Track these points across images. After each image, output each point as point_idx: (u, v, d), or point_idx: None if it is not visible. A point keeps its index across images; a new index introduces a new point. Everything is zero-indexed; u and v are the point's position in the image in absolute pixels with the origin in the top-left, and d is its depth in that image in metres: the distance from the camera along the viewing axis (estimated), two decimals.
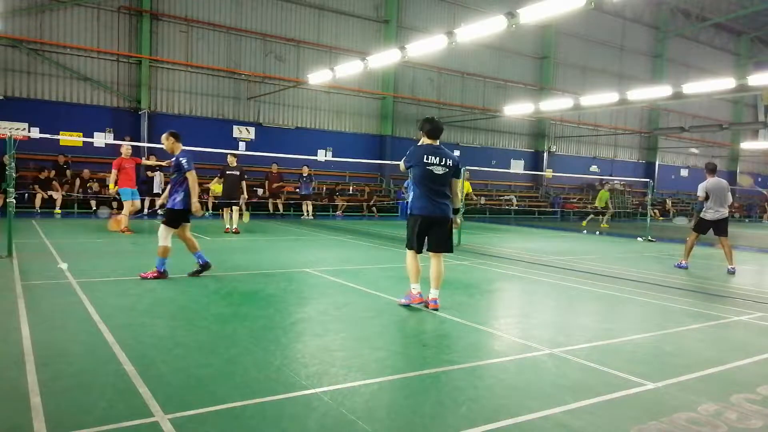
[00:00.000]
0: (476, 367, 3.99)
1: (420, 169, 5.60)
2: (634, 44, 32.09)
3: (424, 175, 5.59)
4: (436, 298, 5.68)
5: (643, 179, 24.82)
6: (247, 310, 5.49)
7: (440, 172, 5.60)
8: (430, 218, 5.65)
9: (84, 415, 2.89)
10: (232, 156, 13.19)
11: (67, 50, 17.94)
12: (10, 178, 8.26)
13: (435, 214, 5.65)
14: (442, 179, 5.64)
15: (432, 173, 5.58)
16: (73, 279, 6.53)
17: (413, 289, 5.77)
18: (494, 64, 27.24)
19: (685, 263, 9.84)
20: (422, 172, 5.59)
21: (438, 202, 5.64)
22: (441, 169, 5.60)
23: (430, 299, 5.69)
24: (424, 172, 5.59)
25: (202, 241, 11.43)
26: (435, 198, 5.63)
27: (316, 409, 3.12)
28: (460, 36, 11.54)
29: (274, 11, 21.48)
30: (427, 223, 5.67)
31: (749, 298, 7.23)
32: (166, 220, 6.85)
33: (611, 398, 3.47)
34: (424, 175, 5.59)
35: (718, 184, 9.58)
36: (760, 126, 30.82)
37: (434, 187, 5.62)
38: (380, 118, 24.56)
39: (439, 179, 5.62)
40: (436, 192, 5.63)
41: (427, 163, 5.58)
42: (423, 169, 5.58)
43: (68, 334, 4.39)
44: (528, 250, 12.07)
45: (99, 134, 18.47)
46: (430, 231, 5.72)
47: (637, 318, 6.12)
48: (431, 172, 5.58)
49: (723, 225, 9.51)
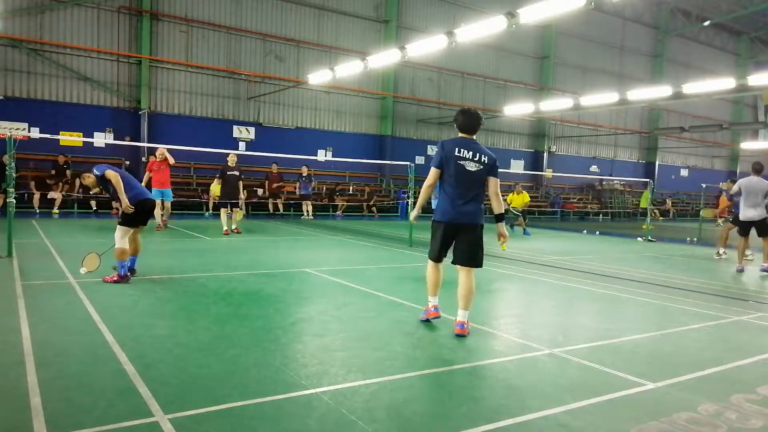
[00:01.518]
0: (476, 367, 4.00)
1: (451, 164, 4.84)
2: (634, 44, 32.09)
3: (455, 172, 4.83)
4: (463, 322, 4.84)
5: (643, 179, 24.83)
6: (247, 310, 5.49)
7: (473, 168, 4.83)
8: (455, 225, 4.92)
9: (84, 415, 2.90)
10: (233, 156, 13.11)
11: (67, 50, 17.93)
12: (10, 178, 8.26)
13: (460, 220, 4.90)
14: (476, 178, 4.87)
15: (464, 169, 4.82)
16: (73, 279, 6.53)
17: (429, 302, 5.21)
18: (494, 64, 27.24)
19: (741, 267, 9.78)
20: (453, 167, 4.83)
21: (465, 205, 4.88)
22: (474, 166, 4.83)
23: (457, 322, 4.88)
24: (455, 168, 4.82)
25: (201, 241, 11.44)
26: (462, 201, 4.87)
27: (316, 409, 3.12)
28: (460, 36, 11.54)
29: (274, 11, 21.48)
30: (453, 230, 4.95)
31: (749, 298, 7.24)
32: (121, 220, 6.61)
33: (611, 398, 3.47)
34: (456, 171, 4.82)
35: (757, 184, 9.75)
36: (760, 126, 30.80)
37: (465, 186, 4.86)
38: (380, 118, 24.56)
39: (471, 177, 4.85)
40: (464, 194, 4.87)
41: (459, 157, 4.82)
42: (454, 163, 4.82)
43: (68, 334, 4.39)
44: (528, 250, 12.07)
45: (99, 134, 18.46)
46: (456, 240, 4.99)
47: (637, 318, 6.12)
48: (463, 168, 4.82)
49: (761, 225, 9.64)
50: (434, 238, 5.06)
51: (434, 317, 5.21)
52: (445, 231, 4.97)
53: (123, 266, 6.46)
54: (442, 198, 4.99)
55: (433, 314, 5.20)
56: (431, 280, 5.19)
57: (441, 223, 4.98)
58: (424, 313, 5.33)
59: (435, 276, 5.17)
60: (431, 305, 5.22)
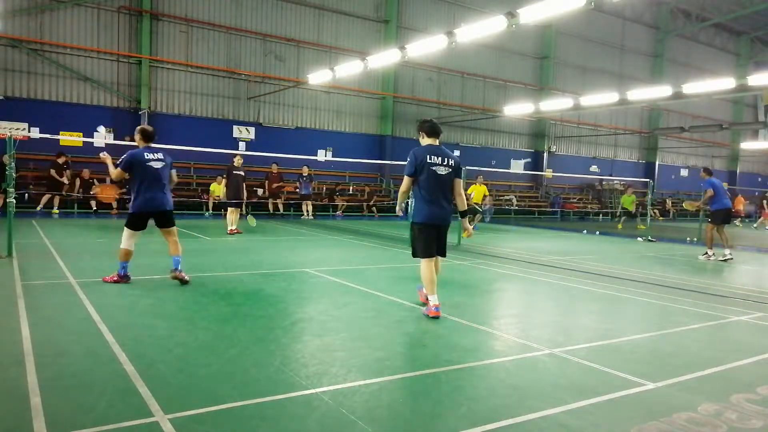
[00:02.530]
0: (476, 367, 3.99)
1: (424, 170, 5.34)
2: (634, 44, 32.09)
3: (428, 177, 5.34)
4: (437, 305, 5.37)
5: (643, 179, 24.82)
6: (247, 310, 5.49)
7: (443, 172, 5.39)
8: (437, 226, 5.47)
9: (84, 415, 2.89)
10: (240, 158, 13.24)
11: (67, 50, 17.94)
12: (10, 178, 8.26)
13: (440, 221, 5.48)
14: (445, 180, 5.42)
15: (436, 174, 5.36)
16: (73, 279, 6.53)
17: (431, 301, 5.39)
18: (494, 64, 27.24)
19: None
20: (426, 174, 5.34)
21: (442, 208, 5.44)
22: (444, 170, 5.39)
23: (432, 306, 5.37)
24: (428, 174, 5.34)
25: (201, 241, 11.44)
26: (438, 203, 5.41)
27: (316, 409, 3.12)
28: (460, 36, 11.55)
29: (274, 11, 21.48)
30: (437, 230, 5.49)
31: (749, 298, 7.24)
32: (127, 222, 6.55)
33: (611, 398, 3.47)
34: (429, 176, 5.34)
35: None
36: (760, 126, 30.83)
37: (438, 189, 5.39)
38: (380, 118, 24.57)
39: (442, 180, 5.39)
40: (439, 196, 5.40)
41: (431, 163, 5.34)
42: (427, 170, 5.33)
43: (68, 334, 4.39)
44: (528, 250, 12.07)
45: (99, 134, 18.46)
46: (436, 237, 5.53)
47: (637, 318, 6.12)
48: (435, 173, 5.35)
49: None
50: (421, 239, 5.51)
51: (434, 316, 5.30)
52: (430, 231, 5.48)
53: (124, 267, 6.45)
54: (421, 202, 5.46)
55: (434, 314, 5.30)
56: (429, 277, 5.42)
57: (426, 225, 5.47)
58: (426, 310, 5.46)
59: (432, 272, 5.45)
60: (433, 305, 5.35)
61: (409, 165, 5.41)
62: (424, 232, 5.47)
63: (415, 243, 5.58)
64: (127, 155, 6.46)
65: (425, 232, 5.46)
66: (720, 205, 10.99)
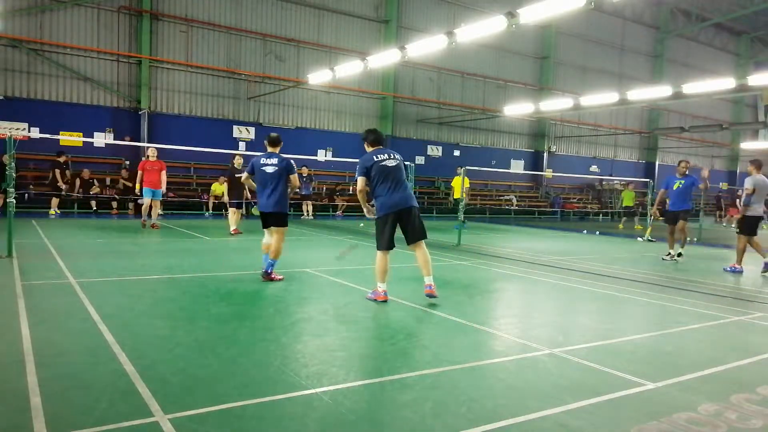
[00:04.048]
0: (476, 367, 3.99)
1: (374, 167, 5.92)
2: (634, 44, 32.08)
3: (380, 171, 5.90)
4: (431, 284, 5.89)
5: (643, 179, 24.82)
6: (247, 310, 5.49)
7: (392, 164, 5.99)
8: (399, 211, 5.87)
9: (84, 415, 2.89)
10: (239, 158, 13.17)
11: (67, 50, 17.93)
12: (10, 178, 8.26)
13: (403, 204, 5.89)
14: (396, 169, 5.99)
15: (386, 166, 5.94)
16: (73, 279, 6.53)
17: (379, 287, 5.97)
18: (494, 64, 27.23)
19: (739, 267, 9.55)
20: (377, 168, 5.91)
21: (401, 189, 5.93)
22: (392, 162, 6.00)
23: (427, 285, 5.89)
24: (379, 168, 5.91)
25: (201, 241, 11.44)
26: (397, 188, 5.91)
27: (316, 409, 3.12)
28: (460, 36, 11.54)
29: (274, 11, 21.48)
30: (397, 215, 5.88)
31: (749, 298, 7.24)
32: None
33: (611, 398, 3.47)
34: (380, 170, 5.91)
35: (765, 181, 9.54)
36: (760, 126, 30.80)
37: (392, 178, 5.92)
38: (380, 118, 24.56)
39: (394, 169, 5.97)
40: (395, 182, 5.93)
41: (378, 160, 5.95)
42: (377, 166, 5.92)
43: (68, 334, 4.39)
44: (528, 250, 12.07)
45: (99, 134, 18.47)
46: (402, 224, 5.93)
47: (637, 318, 6.12)
48: (385, 166, 5.94)
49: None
50: (381, 231, 5.93)
51: (382, 300, 5.91)
52: (393, 221, 5.90)
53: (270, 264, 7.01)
54: (380, 197, 5.93)
55: (383, 298, 5.93)
56: (382, 268, 5.94)
57: (387, 215, 5.89)
58: (372, 294, 6.04)
59: (385, 263, 5.95)
60: (381, 290, 5.97)
61: (359, 169, 6.01)
62: (385, 224, 5.89)
63: (378, 234, 5.98)
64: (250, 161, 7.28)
65: (386, 224, 5.88)
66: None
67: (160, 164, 12.85)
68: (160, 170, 12.80)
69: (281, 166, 6.98)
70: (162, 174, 12.81)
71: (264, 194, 6.99)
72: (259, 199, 7.08)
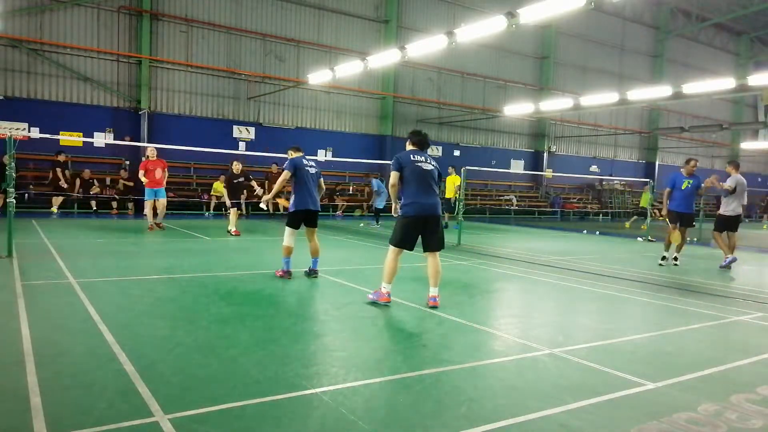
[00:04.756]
0: (476, 367, 3.99)
1: (409, 166, 5.76)
2: (634, 44, 32.08)
3: (414, 170, 5.74)
4: (436, 296, 5.81)
5: (643, 179, 24.82)
6: (247, 310, 5.49)
7: (428, 168, 5.83)
8: (425, 217, 5.73)
9: (84, 415, 2.89)
10: (237, 164, 13.04)
11: (67, 50, 17.93)
12: (10, 178, 8.26)
13: (431, 211, 5.76)
14: (431, 173, 5.83)
15: (421, 168, 5.78)
16: (73, 279, 6.53)
17: (383, 288, 5.81)
18: (494, 64, 27.23)
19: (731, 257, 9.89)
20: (412, 168, 5.75)
21: (431, 196, 5.81)
22: (428, 165, 5.84)
23: (431, 296, 5.80)
24: (413, 168, 5.75)
25: (201, 241, 11.44)
26: (428, 193, 5.78)
27: (316, 409, 3.12)
28: (460, 36, 11.54)
29: (274, 11, 21.48)
30: (423, 221, 5.74)
31: (749, 298, 7.23)
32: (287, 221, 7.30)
33: (611, 398, 3.47)
34: (414, 170, 5.74)
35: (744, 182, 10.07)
36: (760, 126, 30.78)
37: (424, 182, 5.77)
38: (380, 118, 24.56)
39: (428, 173, 5.80)
40: (427, 187, 5.78)
41: (415, 160, 5.80)
42: (412, 165, 5.76)
43: (68, 334, 4.39)
44: (528, 250, 12.07)
45: (99, 134, 18.46)
46: (425, 230, 5.77)
47: (637, 318, 6.12)
48: (420, 168, 5.77)
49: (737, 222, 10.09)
50: (402, 230, 5.74)
51: (385, 302, 5.74)
52: (416, 225, 5.74)
53: (287, 262, 7.19)
54: (409, 197, 5.75)
55: (386, 299, 5.75)
56: (392, 267, 5.78)
57: (414, 218, 5.71)
58: (375, 296, 5.85)
59: (396, 263, 5.81)
60: (386, 291, 5.77)
61: (395, 163, 5.83)
62: (407, 225, 5.75)
63: (396, 231, 5.81)
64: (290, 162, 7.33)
65: (409, 225, 5.74)
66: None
67: (162, 163, 12.84)
68: (163, 168, 12.79)
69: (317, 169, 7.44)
70: (164, 171, 12.82)
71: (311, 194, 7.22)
72: (308, 198, 7.21)
